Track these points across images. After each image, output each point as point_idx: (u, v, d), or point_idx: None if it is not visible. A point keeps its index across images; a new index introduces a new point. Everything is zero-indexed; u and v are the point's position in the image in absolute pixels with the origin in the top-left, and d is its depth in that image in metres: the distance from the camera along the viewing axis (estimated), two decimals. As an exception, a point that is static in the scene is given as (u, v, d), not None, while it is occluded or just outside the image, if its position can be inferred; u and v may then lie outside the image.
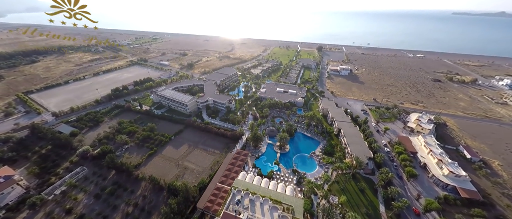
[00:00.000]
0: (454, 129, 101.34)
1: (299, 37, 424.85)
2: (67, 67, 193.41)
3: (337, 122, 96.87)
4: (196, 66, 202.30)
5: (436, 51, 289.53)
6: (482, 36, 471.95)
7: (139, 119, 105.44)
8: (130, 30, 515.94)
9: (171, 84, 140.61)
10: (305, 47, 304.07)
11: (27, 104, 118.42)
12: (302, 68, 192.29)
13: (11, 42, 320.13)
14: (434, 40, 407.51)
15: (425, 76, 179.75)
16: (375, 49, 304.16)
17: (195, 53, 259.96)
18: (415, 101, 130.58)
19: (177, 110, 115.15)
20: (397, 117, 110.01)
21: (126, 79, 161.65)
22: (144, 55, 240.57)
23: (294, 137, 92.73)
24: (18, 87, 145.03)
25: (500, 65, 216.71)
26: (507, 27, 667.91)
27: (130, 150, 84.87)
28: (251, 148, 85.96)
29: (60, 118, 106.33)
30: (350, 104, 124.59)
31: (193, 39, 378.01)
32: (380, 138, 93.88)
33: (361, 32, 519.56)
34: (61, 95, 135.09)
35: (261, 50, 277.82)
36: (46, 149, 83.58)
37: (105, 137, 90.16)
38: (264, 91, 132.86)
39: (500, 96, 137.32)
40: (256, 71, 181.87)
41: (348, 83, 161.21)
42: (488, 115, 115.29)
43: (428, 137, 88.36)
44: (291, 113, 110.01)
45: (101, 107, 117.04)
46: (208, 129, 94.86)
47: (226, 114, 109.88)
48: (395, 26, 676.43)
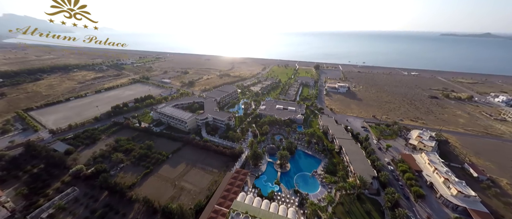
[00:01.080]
0: (457, 146, 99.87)
1: (297, 56, 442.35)
2: (70, 85, 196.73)
3: (338, 140, 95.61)
4: (197, 83, 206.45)
5: (430, 69, 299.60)
6: (472, 55, 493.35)
7: (137, 137, 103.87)
8: (135, 50, 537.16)
9: (172, 101, 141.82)
10: (303, 66, 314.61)
11: (25, 121, 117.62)
12: (300, 86, 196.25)
13: (18, 61, 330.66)
14: (426, 59, 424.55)
15: (422, 93, 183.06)
16: (371, 67, 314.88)
17: (196, 71, 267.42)
18: (414, 118, 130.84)
19: (176, 128, 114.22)
20: (398, 134, 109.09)
21: (127, 96, 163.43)
22: (147, 73, 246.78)
23: (294, 155, 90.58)
24: (19, 104, 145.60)
25: (493, 82, 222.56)
26: (493, 47, 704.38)
27: (126, 169, 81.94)
28: (250, 166, 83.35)
29: (57, 136, 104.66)
30: (350, 121, 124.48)
31: (195, 58, 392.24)
32: (383, 155, 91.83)
33: (356, 51, 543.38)
34: (61, 112, 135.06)
35: (260, 69, 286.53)
36: (38, 168, 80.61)
37: (101, 156, 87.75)
38: (263, 108, 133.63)
39: (498, 113, 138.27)
40: (255, 88, 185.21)
41: (346, 100, 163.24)
42: (489, 131, 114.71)
43: (432, 154, 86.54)
44: (291, 130, 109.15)
45: (100, 124, 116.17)
46: (207, 146, 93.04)
47: (225, 132, 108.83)
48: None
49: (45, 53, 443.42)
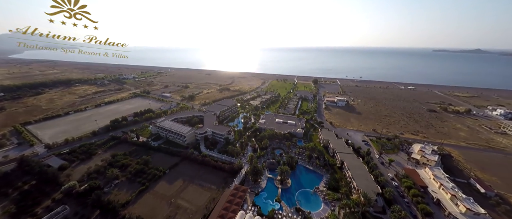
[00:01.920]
0: (460, 160, 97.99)
1: (295, 70, 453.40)
2: (70, 99, 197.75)
3: (339, 154, 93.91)
4: (197, 97, 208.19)
5: (426, 83, 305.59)
6: (464, 70, 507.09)
7: (134, 151, 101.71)
8: (137, 65, 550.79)
9: (171, 115, 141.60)
10: (301, 80, 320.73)
11: (21, 136, 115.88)
12: (299, 100, 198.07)
13: (22, 75, 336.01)
14: (421, 73, 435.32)
15: (420, 106, 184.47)
16: (368, 81, 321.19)
17: (196, 85, 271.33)
18: (415, 132, 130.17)
19: (174, 142, 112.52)
20: (399, 148, 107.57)
21: (127, 110, 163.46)
22: (148, 88, 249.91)
23: (295, 170, 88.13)
24: (17, 118, 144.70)
25: (489, 96, 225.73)
26: (484, 62, 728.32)
27: (120, 186, 78.86)
28: (250, 183, 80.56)
29: (52, 150, 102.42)
30: (350, 135, 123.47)
31: (196, 73, 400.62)
32: (386, 170, 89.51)
33: (353, 66, 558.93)
34: (59, 126, 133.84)
35: (260, 83, 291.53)
36: (29, 184, 77.54)
37: (96, 171, 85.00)
38: (263, 122, 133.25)
39: (498, 126, 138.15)
40: (255, 102, 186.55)
41: (345, 113, 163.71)
42: (491, 145, 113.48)
43: (436, 169, 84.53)
44: (291, 144, 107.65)
45: (97, 138, 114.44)
46: (205, 161, 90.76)
47: (224, 146, 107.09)
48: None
49: (49, 68, 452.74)
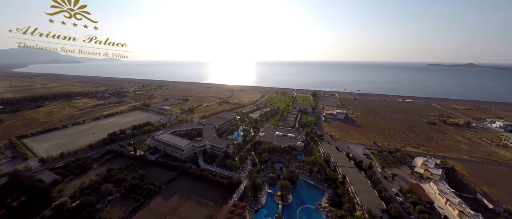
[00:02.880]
0: (465, 174, 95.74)
1: (294, 84, 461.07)
2: (69, 112, 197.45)
3: (340, 168, 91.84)
4: (196, 110, 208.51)
5: (423, 96, 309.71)
6: (459, 83, 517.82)
7: (130, 165, 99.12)
8: (138, 79, 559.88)
9: (170, 128, 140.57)
10: (300, 93, 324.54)
11: (16, 149, 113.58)
12: (299, 112, 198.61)
13: (23, 88, 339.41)
14: (418, 86, 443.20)
15: (419, 119, 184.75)
16: (366, 94, 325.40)
17: (196, 98, 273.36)
18: (416, 144, 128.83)
19: (172, 155, 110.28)
20: (401, 162, 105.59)
21: (126, 123, 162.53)
22: (148, 101, 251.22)
23: (296, 185, 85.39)
24: (14, 131, 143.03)
25: (487, 109, 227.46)
26: (479, 75, 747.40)
27: (114, 202, 75.52)
28: (249, 198, 77.51)
29: (47, 164, 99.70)
30: (351, 148, 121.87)
31: (196, 86, 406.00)
32: (389, 185, 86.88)
33: (351, 79, 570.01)
34: (56, 139, 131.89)
35: (259, 96, 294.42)
36: (19, 201, 74.17)
37: (89, 186, 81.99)
38: (262, 134, 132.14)
39: (499, 139, 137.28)
40: (254, 115, 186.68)
41: (345, 126, 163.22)
42: (494, 158, 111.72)
43: (441, 183, 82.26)
44: (292, 158, 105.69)
45: (93, 152, 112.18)
46: (203, 176, 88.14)
47: (223, 159, 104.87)
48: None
49: (51, 81, 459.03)
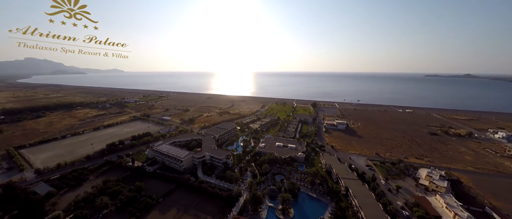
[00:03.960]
0: (471, 186, 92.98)
1: (294, 94, 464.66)
2: (69, 122, 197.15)
3: (343, 180, 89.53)
4: (196, 121, 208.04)
5: (423, 107, 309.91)
6: (458, 93, 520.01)
7: (127, 177, 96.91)
8: (140, 89, 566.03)
9: (169, 139, 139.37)
10: (300, 104, 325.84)
11: (13, 160, 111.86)
12: (299, 123, 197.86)
13: (26, 98, 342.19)
14: (418, 97, 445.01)
15: (421, 129, 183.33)
16: (366, 105, 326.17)
17: (197, 109, 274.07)
18: (419, 155, 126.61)
19: (171, 167, 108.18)
20: (405, 173, 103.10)
21: (125, 133, 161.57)
22: (148, 111, 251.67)
23: (298, 198, 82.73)
24: (13, 141, 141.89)
25: (488, 119, 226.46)
26: (477, 86, 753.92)
27: (109, 216, 72.79)
28: (249, 213, 74.70)
29: (42, 176, 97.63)
30: (353, 159, 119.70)
31: (197, 97, 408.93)
32: (394, 198, 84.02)
33: (351, 90, 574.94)
34: (54, 150, 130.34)
35: (259, 106, 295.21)
36: (11, 214, 71.57)
37: (84, 199, 79.54)
38: (263, 145, 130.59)
39: (503, 149, 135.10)
40: (255, 125, 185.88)
41: (346, 137, 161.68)
42: (500, 170, 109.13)
43: (447, 196, 79.60)
44: (293, 169, 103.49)
45: (91, 163, 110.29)
46: (202, 188, 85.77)
47: (222, 171, 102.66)
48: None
49: (54, 91, 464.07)
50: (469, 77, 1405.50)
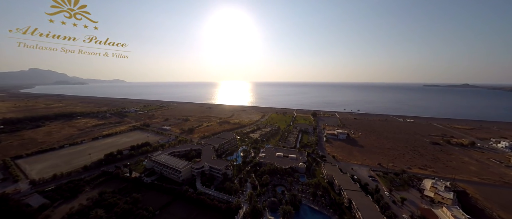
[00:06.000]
0: (478, 198, 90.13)
1: (294, 104, 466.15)
2: (69, 132, 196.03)
3: (345, 191, 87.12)
4: (196, 130, 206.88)
5: (424, 116, 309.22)
6: (460, 103, 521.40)
7: (124, 189, 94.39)
8: (140, 99, 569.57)
9: (168, 149, 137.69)
10: (300, 113, 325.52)
11: (8, 170, 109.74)
12: (300, 133, 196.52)
13: (26, 108, 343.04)
14: (418, 106, 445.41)
15: (422, 139, 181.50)
16: (366, 114, 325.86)
17: (197, 119, 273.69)
18: (422, 166, 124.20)
19: (169, 178, 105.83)
20: (409, 184, 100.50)
21: (124, 143, 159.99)
22: (148, 121, 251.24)
23: (299, 211, 80.00)
24: (10, 151, 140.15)
25: (489, 128, 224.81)
26: (476, 96, 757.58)
27: (103, 230, 69.91)
28: (249, 226, 71.85)
29: (37, 187, 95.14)
30: (355, 170, 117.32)
31: (197, 107, 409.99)
32: (399, 210, 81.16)
33: (352, 100, 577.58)
34: (51, 160, 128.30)
35: (260, 116, 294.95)
36: (0, 229, 68.83)
37: (79, 212, 76.90)
38: (263, 155, 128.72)
39: (507, 159, 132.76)
40: (255, 135, 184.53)
41: (347, 147, 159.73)
42: (505, 180, 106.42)
43: (454, 209, 76.90)
44: (294, 180, 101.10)
45: (87, 174, 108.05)
46: (200, 201, 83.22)
47: (222, 182, 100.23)
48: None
49: (55, 101, 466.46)
50: (467, 86, 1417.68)
